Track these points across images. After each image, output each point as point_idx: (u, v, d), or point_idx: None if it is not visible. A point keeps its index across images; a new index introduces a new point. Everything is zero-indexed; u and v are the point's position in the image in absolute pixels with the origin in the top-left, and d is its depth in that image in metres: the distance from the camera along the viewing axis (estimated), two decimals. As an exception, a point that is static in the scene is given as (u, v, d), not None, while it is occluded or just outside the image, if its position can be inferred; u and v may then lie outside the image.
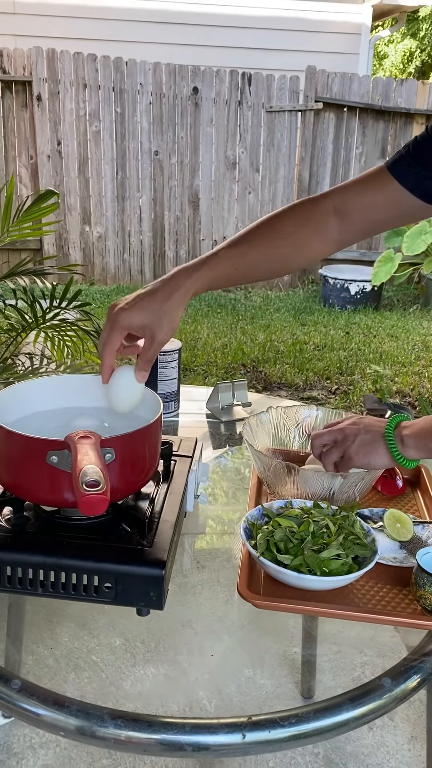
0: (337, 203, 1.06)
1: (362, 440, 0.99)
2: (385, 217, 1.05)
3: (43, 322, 2.09)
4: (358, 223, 1.05)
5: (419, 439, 0.96)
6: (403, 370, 4.37)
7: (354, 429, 1.00)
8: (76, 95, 5.93)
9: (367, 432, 0.99)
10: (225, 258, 1.00)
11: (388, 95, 6.35)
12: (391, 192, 1.01)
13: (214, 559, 1.09)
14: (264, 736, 0.72)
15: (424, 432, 0.96)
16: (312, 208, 1.06)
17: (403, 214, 1.04)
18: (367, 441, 0.99)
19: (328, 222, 1.05)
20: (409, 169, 1.00)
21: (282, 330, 5.12)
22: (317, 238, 1.06)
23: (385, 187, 1.02)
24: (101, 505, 0.67)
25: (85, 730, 0.73)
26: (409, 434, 0.96)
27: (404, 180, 1.00)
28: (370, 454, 0.98)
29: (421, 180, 0.99)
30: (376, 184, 1.03)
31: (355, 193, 1.05)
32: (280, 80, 6.17)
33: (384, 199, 1.02)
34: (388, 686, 0.78)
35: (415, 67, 14.98)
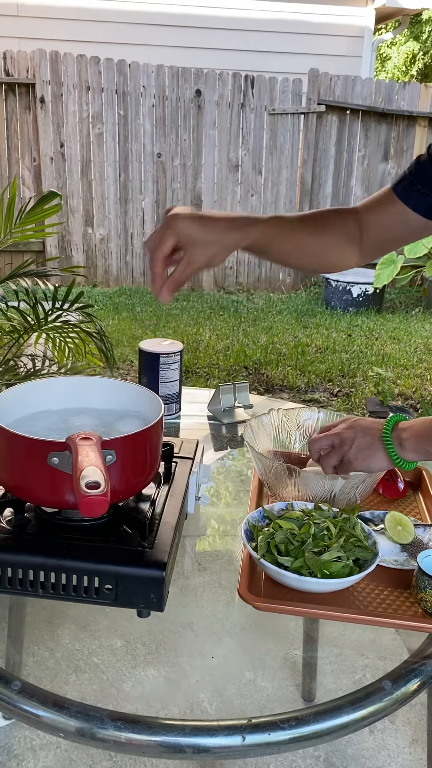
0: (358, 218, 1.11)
1: (360, 444, 0.99)
2: (394, 236, 1.09)
3: (45, 324, 2.10)
4: (374, 239, 1.10)
5: (418, 442, 0.96)
6: (406, 372, 4.37)
7: (351, 433, 1.01)
8: (79, 98, 5.94)
9: (365, 435, 0.99)
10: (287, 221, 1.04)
11: (391, 98, 6.36)
12: (396, 212, 1.05)
13: (215, 560, 1.09)
14: (264, 739, 0.72)
15: (422, 435, 0.96)
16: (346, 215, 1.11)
17: (411, 232, 1.07)
18: (364, 445, 0.99)
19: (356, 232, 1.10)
20: (410, 189, 1.03)
21: (284, 332, 5.12)
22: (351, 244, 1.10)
23: (392, 207, 1.05)
24: (101, 506, 0.67)
25: (85, 732, 0.73)
26: (408, 437, 0.97)
27: (407, 199, 1.03)
28: (368, 458, 0.99)
29: (422, 198, 1.02)
30: (384, 205, 1.07)
31: (371, 212, 1.09)
32: (282, 83, 6.18)
33: (392, 218, 1.06)
34: (389, 689, 0.78)
35: (418, 70, 14.99)
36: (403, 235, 1.08)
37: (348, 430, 1.01)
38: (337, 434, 1.02)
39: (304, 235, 1.07)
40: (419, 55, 14.87)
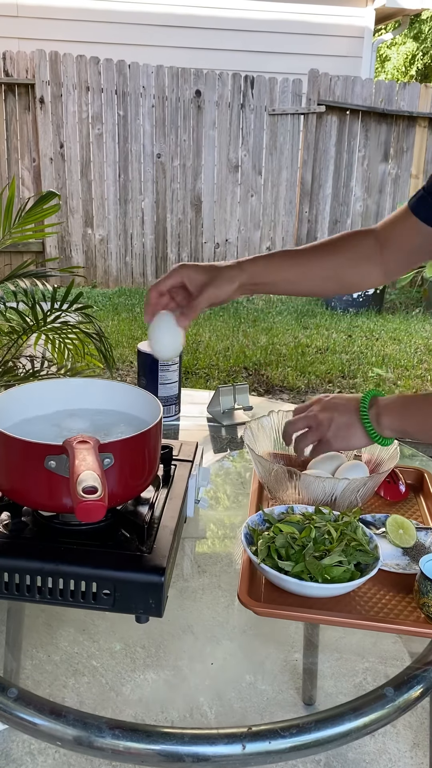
0: (378, 236, 1.14)
1: (338, 423, 1.00)
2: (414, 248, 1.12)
3: (44, 325, 2.09)
4: (395, 254, 1.13)
5: (393, 419, 0.97)
6: (406, 373, 4.35)
7: (328, 414, 1.01)
8: (79, 98, 5.93)
9: (342, 414, 1.00)
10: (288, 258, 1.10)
11: (391, 98, 6.35)
12: (411, 224, 1.09)
13: (215, 563, 1.08)
14: (264, 747, 0.70)
15: (398, 411, 0.98)
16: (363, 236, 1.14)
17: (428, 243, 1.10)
18: (342, 424, 0.99)
19: (376, 251, 1.13)
20: (423, 202, 1.07)
21: (284, 333, 5.11)
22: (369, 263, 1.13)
23: (408, 221, 1.09)
24: (99, 511, 0.65)
25: (82, 740, 0.72)
26: (385, 414, 0.98)
27: (419, 212, 1.07)
28: (347, 437, 1.00)
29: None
30: (401, 220, 1.11)
31: (391, 227, 1.13)
32: (282, 83, 6.17)
33: (409, 231, 1.10)
34: (391, 696, 0.77)
35: (417, 70, 14.98)
36: (422, 248, 1.11)
37: (324, 411, 1.02)
38: (313, 416, 1.02)
39: (313, 260, 1.11)
40: (419, 55, 14.86)
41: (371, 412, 0.98)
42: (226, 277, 1.01)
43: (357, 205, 6.63)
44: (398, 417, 0.97)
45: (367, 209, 6.65)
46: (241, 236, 6.51)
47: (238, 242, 6.52)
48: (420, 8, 7.34)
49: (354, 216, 6.65)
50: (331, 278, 1.13)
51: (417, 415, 0.98)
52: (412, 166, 6.57)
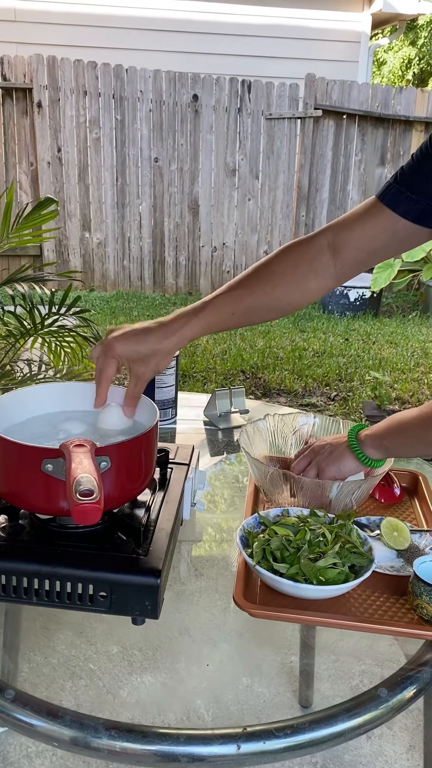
0: (330, 239, 1.08)
1: (330, 451, 1.08)
2: (379, 246, 1.07)
3: (42, 329, 2.10)
4: (354, 256, 1.08)
5: (375, 440, 1.04)
6: (403, 376, 4.37)
7: (321, 444, 1.11)
8: (77, 102, 5.95)
9: (335, 445, 1.09)
10: (222, 304, 1.03)
11: (387, 103, 6.38)
12: (384, 221, 1.04)
13: (211, 566, 1.09)
14: (259, 747, 0.71)
15: (379, 433, 1.05)
16: (305, 248, 1.09)
17: (397, 240, 1.06)
18: (335, 451, 1.07)
19: (322, 259, 1.08)
20: (399, 195, 1.02)
21: (281, 336, 5.12)
22: (312, 276, 1.08)
23: (378, 217, 1.04)
24: (95, 514, 0.66)
25: (79, 741, 0.73)
26: (368, 435, 1.05)
27: (396, 206, 1.02)
28: (338, 461, 1.06)
29: (412, 204, 1.02)
30: (368, 215, 1.05)
31: (348, 227, 1.07)
32: (279, 88, 6.20)
33: (378, 228, 1.05)
34: (385, 696, 0.78)
35: (414, 74, 15.04)
36: (389, 245, 1.07)
37: (319, 444, 1.11)
38: (311, 451, 1.11)
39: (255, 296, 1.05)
40: (415, 60, 14.93)
41: (357, 437, 1.06)
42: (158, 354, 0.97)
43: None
44: (379, 438, 1.04)
45: (364, 213, 6.67)
46: (238, 240, 6.53)
47: (235, 246, 6.54)
48: (416, 13, 7.38)
49: (351, 220, 6.67)
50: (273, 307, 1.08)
51: (394, 434, 1.04)
52: (409, 170, 6.60)
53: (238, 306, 1.04)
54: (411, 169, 1.02)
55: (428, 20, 13.94)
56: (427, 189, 1.00)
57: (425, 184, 1.00)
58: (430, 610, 0.84)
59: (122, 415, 0.96)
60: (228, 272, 6.56)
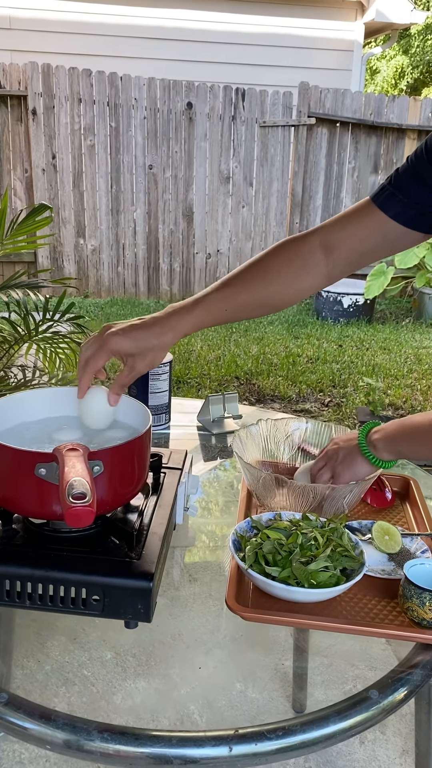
0: (322, 238, 1.09)
1: (343, 456, 1.08)
2: (371, 247, 1.08)
3: (36, 335, 2.10)
4: (345, 256, 1.09)
5: (387, 443, 1.04)
6: (396, 382, 4.39)
7: (335, 448, 1.10)
8: (71, 110, 5.97)
9: (346, 447, 1.09)
10: (215, 300, 1.04)
11: (381, 111, 6.43)
12: (375, 222, 1.05)
13: (205, 571, 1.09)
14: (251, 749, 0.72)
15: (391, 436, 1.04)
16: (298, 246, 1.10)
17: (388, 242, 1.07)
18: (347, 455, 1.08)
19: (314, 258, 1.09)
20: (392, 198, 1.03)
21: (275, 343, 5.13)
22: (304, 274, 1.09)
23: (370, 218, 1.05)
24: (87, 517, 0.67)
25: (71, 744, 0.73)
26: (379, 438, 1.05)
27: (388, 209, 1.03)
28: (352, 466, 1.07)
29: (404, 208, 1.03)
30: (360, 216, 1.06)
31: (341, 227, 1.08)
32: (273, 96, 6.24)
33: (369, 230, 1.06)
34: (375, 698, 0.78)
35: (407, 83, 15.16)
36: (380, 247, 1.08)
37: (332, 447, 1.11)
38: (324, 454, 1.12)
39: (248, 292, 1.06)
40: (408, 69, 15.05)
41: (368, 439, 1.06)
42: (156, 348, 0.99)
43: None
44: (391, 441, 1.04)
45: (358, 220, 6.71)
46: (232, 247, 6.55)
47: (229, 252, 6.56)
48: (409, 23, 7.44)
49: (344, 227, 6.70)
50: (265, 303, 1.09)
51: (408, 438, 1.03)
52: (402, 177, 6.64)
53: (231, 302, 1.05)
54: (405, 173, 1.03)
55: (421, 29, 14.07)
56: (420, 193, 1.01)
57: (418, 188, 1.01)
58: (420, 612, 0.85)
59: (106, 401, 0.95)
60: (222, 279, 6.57)
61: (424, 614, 0.84)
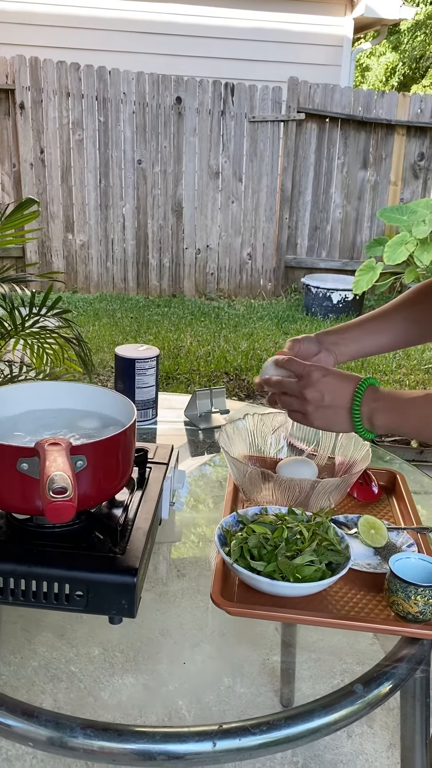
0: None
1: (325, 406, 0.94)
2: None
3: (23, 330, 2.09)
4: None
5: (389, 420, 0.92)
6: (385, 378, 4.40)
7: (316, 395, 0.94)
8: (59, 104, 5.93)
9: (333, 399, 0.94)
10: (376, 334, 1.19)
11: (370, 107, 6.42)
12: None
13: (192, 567, 1.09)
14: (235, 744, 0.71)
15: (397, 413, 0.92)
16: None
17: None
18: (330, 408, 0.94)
19: None
20: None
21: (265, 338, 5.13)
22: None
23: None
24: (68, 512, 0.66)
25: (54, 741, 0.72)
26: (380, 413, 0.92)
27: None
28: (331, 423, 0.95)
29: None
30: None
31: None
32: (262, 91, 6.22)
33: None
34: (360, 692, 0.78)
35: (398, 80, 15.18)
36: None
37: (313, 389, 0.95)
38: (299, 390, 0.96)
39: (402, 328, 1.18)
40: (398, 65, 15.06)
41: (364, 408, 0.93)
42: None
43: (337, 212, 6.68)
44: (394, 417, 0.92)
45: (347, 216, 6.71)
46: (222, 242, 6.54)
47: (219, 248, 6.54)
48: (398, 18, 7.44)
49: (334, 223, 6.70)
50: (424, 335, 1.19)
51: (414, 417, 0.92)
52: (391, 173, 6.64)
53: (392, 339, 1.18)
54: None
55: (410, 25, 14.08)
56: None
57: None
58: (405, 606, 0.84)
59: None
60: (212, 274, 6.56)
61: (409, 608, 0.84)
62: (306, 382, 0.95)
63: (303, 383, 0.96)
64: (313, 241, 6.69)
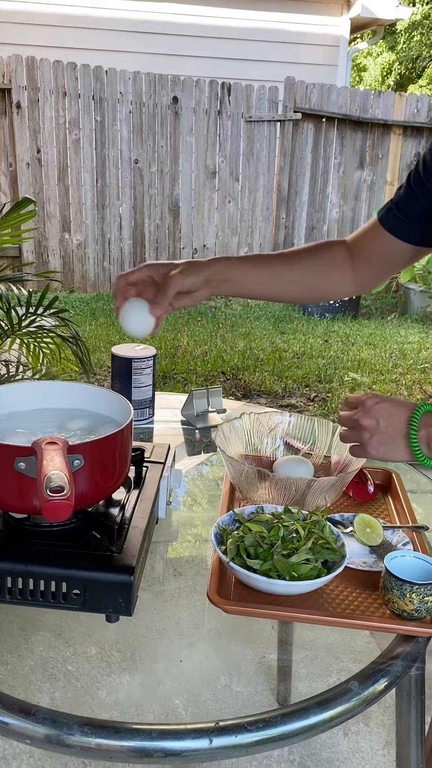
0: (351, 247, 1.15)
1: (381, 433, 0.91)
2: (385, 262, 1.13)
3: (19, 329, 2.09)
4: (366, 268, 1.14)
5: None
6: (381, 377, 4.41)
7: (371, 422, 0.92)
8: (56, 103, 5.93)
9: (388, 425, 0.91)
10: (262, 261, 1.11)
11: (366, 106, 6.43)
12: (389, 241, 1.10)
13: (189, 566, 1.09)
14: (231, 741, 0.72)
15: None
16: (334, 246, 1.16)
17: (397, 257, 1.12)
18: (386, 435, 0.91)
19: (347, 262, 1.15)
20: (399, 223, 1.08)
21: (261, 338, 5.14)
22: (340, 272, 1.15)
23: (377, 236, 1.11)
24: (65, 510, 0.66)
25: (52, 738, 0.73)
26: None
27: (396, 232, 1.08)
28: (389, 451, 0.92)
29: (411, 229, 1.07)
30: (370, 233, 1.12)
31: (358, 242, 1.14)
32: (259, 90, 6.22)
33: (378, 246, 1.11)
34: (356, 689, 0.79)
35: (394, 80, 15.20)
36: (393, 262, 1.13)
37: (368, 417, 0.92)
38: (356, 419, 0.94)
39: (285, 264, 1.12)
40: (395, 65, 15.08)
41: (422, 432, 0.89)
42: (192, 268, 1.02)
43: (333, 212, 6.70)
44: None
45: (343, 216, 6.72)
46: (218, 242, 6.54)
47: (215, 248, 6.55)
48: (394, 18, 7.45)
49: (330, 222, 6.71)
50: (301, 284, 1.14)
51: None
52: (387, 173, 6.66)
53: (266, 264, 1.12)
54: (406, 196, 1.07)
55: (407, 26, 14.10)
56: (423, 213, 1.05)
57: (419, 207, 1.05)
58: (401, 604, 0.85)
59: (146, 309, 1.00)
60: (208, 274, 6.56)
61: (404, 606, 0.85)
62: (360, 410, 0.94)
63: (357, 412, 0.94)
64: (310, 240, 6.69)
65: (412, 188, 1.06)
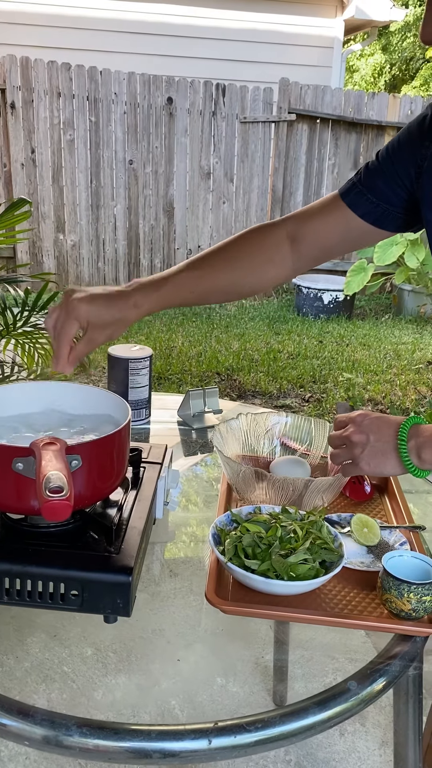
0: (290, 230, 1.09)
1: (372, 449, 0.93)
2: (335, 243, 1.08)
3: (14, 330, 2.08)
4: (310, 249, 1.09)
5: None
6: (375, 378, 4.42)
7: (362, 437, 0.94)
8: (50, 104, 5.92)
9: (378, 440, 0.93)
10: (183, 281, 1.04)
11: (360, 108, 6.45)
12: (343, 219, 1.05)
13: (186, 566, 1.09)
14: (230, 742, 0.72)
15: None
16: (266, 234, 1.09)
17: (353, 239, 1.08)
18: (377, 450, 0.93)
19: (281, 249, 1.09)
20: (360, 197, 1.04)
21: (256, 339, 5.14)
22: (270, 264, 1.09)
23: (338, 214, 1.06)
24: (64, 511, 0.66)
25: (50, 740, 0.72)
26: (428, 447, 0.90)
27: (356, 208, 1.04)
28: (380, 465, 0.94)
29: (372, 207, 1.03)
30: (328, 211, 1.07)
31: (308, 220, 1.09)
32: (253, 92, 6.23)
33: (336, 226, 1.06)
34: (354, 689, 0.79)
35: (386, 82, 15.24)
36: (344, 243, 1.09)
37: (359, 433, 0.94)
38: (347, 437, 0.96)
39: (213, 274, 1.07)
40: (387, 67, 15.13)
41: (411, 443, 0.91)
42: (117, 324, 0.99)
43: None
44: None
45: (338, 216, 6.73)
46: (213, 242, 6.54)
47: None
48: (388, 20, 7.48)
49: (325, 223, 6.73)
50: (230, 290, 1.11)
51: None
52: (381, 174, 6.68)
53: (198, 285, 1.05)
54: (374, 171, 1.04)
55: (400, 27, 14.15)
56: (388, 193, 1.02)
57: (386, 188, 1.02)
58: (398, 604, 0.85)
59: None
60: (203, 275, 6.57)
61: (402, 605, 0.85)
62: (351, 426, 0.95)
63: (348, 429, 0.96)
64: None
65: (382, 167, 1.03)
